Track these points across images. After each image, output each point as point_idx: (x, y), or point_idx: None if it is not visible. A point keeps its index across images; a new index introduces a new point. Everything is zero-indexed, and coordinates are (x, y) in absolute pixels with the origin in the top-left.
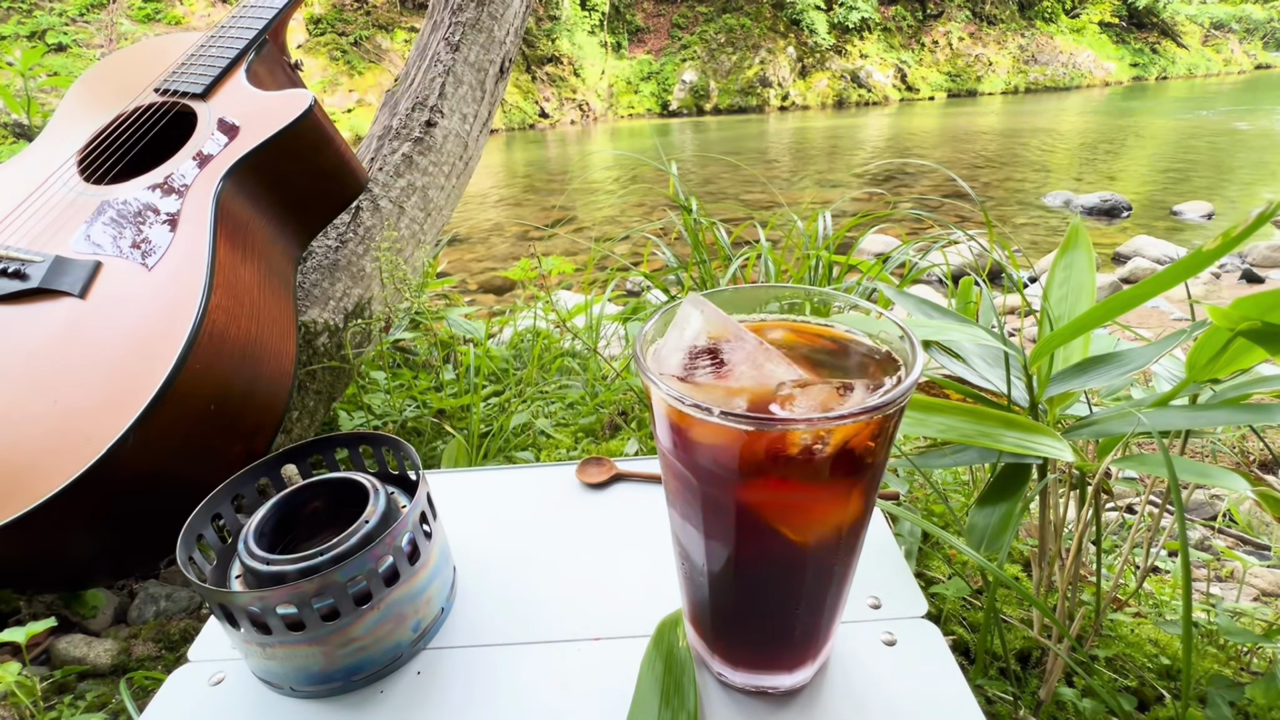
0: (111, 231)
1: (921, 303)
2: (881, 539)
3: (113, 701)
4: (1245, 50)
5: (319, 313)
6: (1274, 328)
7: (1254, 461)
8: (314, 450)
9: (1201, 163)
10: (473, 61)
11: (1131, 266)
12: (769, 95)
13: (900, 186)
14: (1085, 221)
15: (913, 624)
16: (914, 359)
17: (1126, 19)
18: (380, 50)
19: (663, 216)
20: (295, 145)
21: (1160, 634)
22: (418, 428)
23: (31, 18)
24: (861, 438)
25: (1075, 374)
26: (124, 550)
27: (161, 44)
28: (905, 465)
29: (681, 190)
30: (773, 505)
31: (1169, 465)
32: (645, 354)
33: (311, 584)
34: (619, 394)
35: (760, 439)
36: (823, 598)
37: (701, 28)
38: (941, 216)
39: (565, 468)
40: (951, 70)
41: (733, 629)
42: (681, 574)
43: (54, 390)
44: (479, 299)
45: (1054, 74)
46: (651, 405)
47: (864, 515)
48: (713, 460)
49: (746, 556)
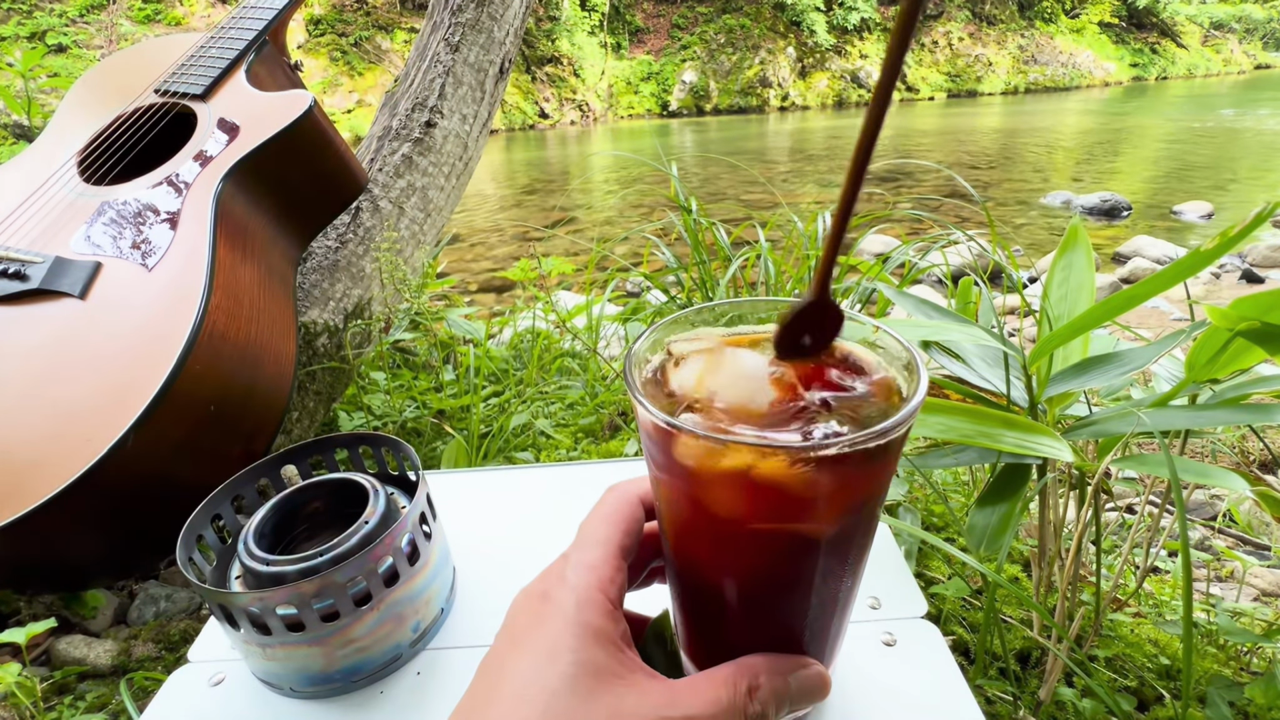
0: (111, 232)
1: (921, 303)
2: (881, 539)
3: (113, 702)
4: (1245, 50)
5: (319, 313)
6: (1273, 328)
7: (1254, 461)
8: (314, 451)
9: (1201, 163)
10: (472, 62)
11: (1131, 266)
12: (769, 95)
13: (900, 186)
14: (1085, 221)
15: (912, 624)
16: (917, 385)
17: (1126, 19)
18: (380, 51)
19: (663, 217)
20: (295, 146)
21: (1160, 634)
22: (418, 428)
23: (31, 19)
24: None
25: (1075, 374)
26: (124, 551)
27: (161, 45)
28: (905, 465)
29: (681, 191)
30: (770, 532)
31: (1170, 465)
32: (635, 374)
33: (311, 585)
34: (619, 394)
35: (755, 461)
36: (826, 626)
37: (701, 28)
38: (941, 217)
39: (565, 468)
40: (951, 70)
41: (733, 657)
42: (675, 599)
43: (54, 391)
44: (479, 299)
45: (1054, 74)
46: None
47: (869, 536)
48: (707, 492)
49: (748, 588)
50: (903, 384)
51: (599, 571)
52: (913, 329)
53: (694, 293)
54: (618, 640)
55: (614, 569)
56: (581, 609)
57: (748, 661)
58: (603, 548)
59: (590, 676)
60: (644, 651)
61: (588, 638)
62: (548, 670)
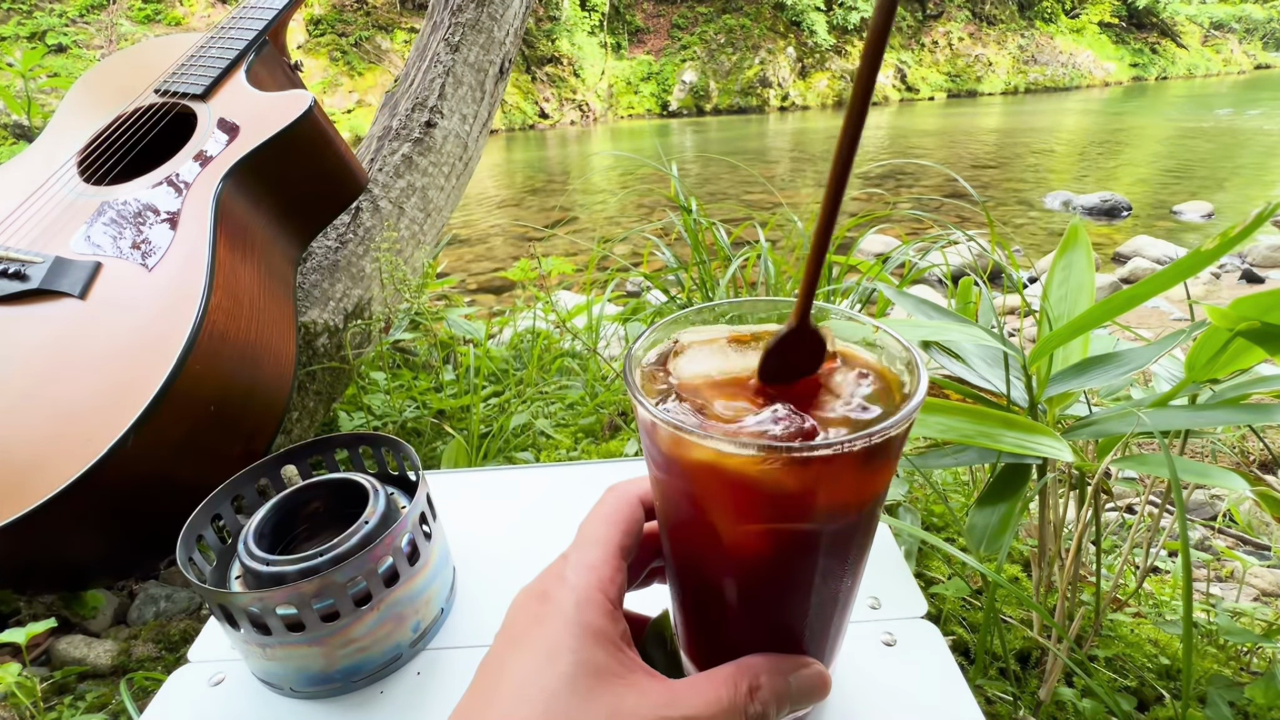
0: (111, 232)
1: (921, 303)
2: (881, 539)
3: (113, 702)
4: (1245, 50)
5: (319, 313)
6: (1273, 328)
7: (1254, 461)
8: (314, 451)
9: (1201, 163)
10: (472, 62)
11: (1131, 266)
12: (769, 95)
13: (900, 187)
14: (1085, 221)
15: (912, 624)
16: (917, 384)
17: (1126, 19)
18: (380, 51)
19: (663, 217)
20: (295, 146)
21: (1160, 634)
22: (417, 428)
23: (31, 19)
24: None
25: (1075, 374)
26: (124, 551)
27: (161, 45)
28: (905, 465)
29: (681, 191)
30: (770, 532)
31: (1170, 465)
32: (635, 374)
33: (311, 585)
34: (619, 394)
35: (755, 463)
36: (826, 626)
37: (701, 28)
38: (941, 217)
39: (565, 468)
40: (951, 70)
41: (733, 657)
42: (675, 599)
43: (54, 391)
44: (479, 299)
45: (1054, 74)
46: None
47: (869, 536)
48: (707, 492)
49: (748, 588)
50: (903, 384)
51: (599, 571)
52: (913, 329)
53: (694, 293)
54: (618, 640)
55: (614, 569)
56: (581, 609)
57: (748, 662)
58: (602, 548)
59: (590, 676)
60: (644, 651)
61: (587, 638)
62: (548, 670)
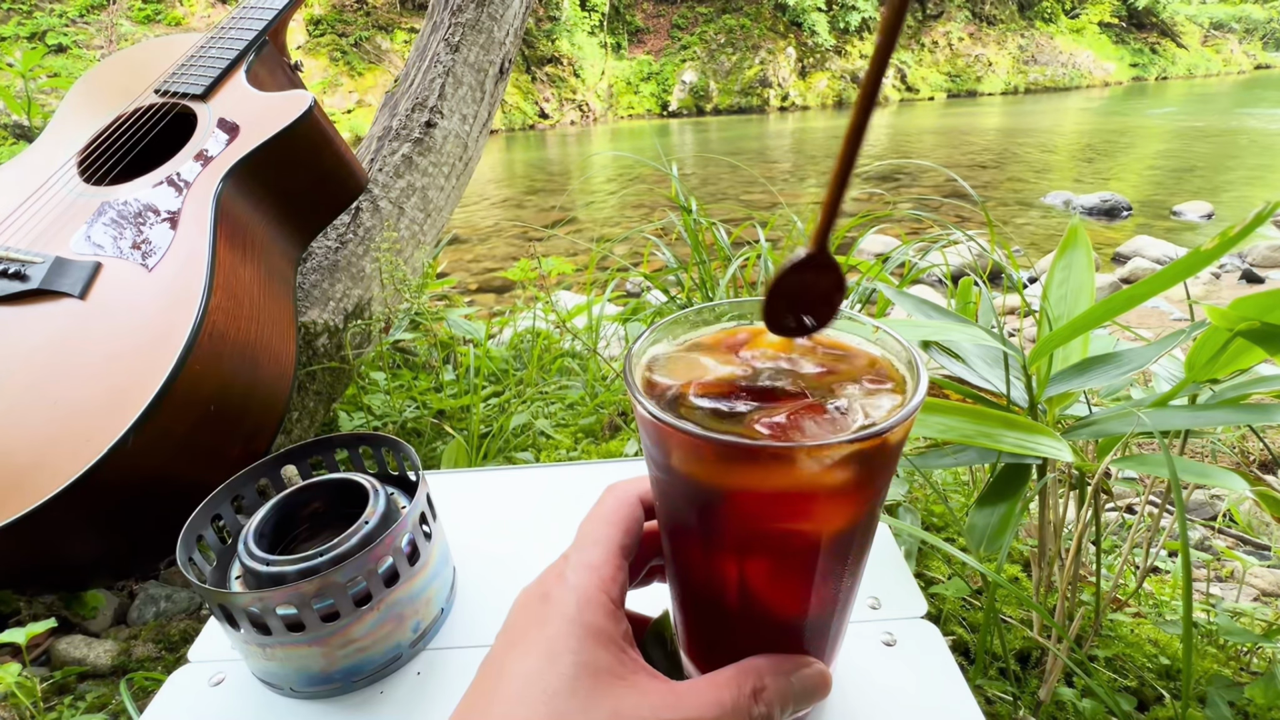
0: (111, 232)
1: (921, 303)
2: (881, 539)
3: (113, 702)
4: (1245, 50)
5: (319, 313)
6: (1273, 328)
7: (1254, 461)
8: (314, 451)
9: (1201, 163)
10: (472, 62)
11: (1131, 266)
12: (769, 96)
13: (900, 187)
14: (1085, 221)
15: (912, 624)
16: (917, 384)
17: (1126, 19)
18: (380, 51)
19: (663, 217)
20: (295, 146)
21: (1160, 634)
22: (417, 428)
23: (31, 19)
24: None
25: (1075, 374)
26: (124, 551)
27: (162, 45)
28: (905, 465)
29: (681, 191)
30: (770, 532)
31: (1170, 465)
32: (635, 374)
33: (311, 585)
34: (619, 394)
35: (754, 460)
36: (826, 626)
37: (701, 28)
38: (941, 217)
39: (565, 468)
40: (951, 70)
41: (733, 657)
42: (676, 599)
43: (54, 391)
44: (479, 299)
45: (1054, 74)
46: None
47: (869, 536)
48: (707, 492)
49: (748, 588)
50: (903, 383)
51: (600, 571)
52: (913, 329)
53: (694, 293)
54: (619, 640)
55: (614, 569)
56: (582, 609)
57: (751, 663)
58: (603, 547)
59: (591, 677)
60: (644, 652)
61: (589, 638)
62: (549, 671)
